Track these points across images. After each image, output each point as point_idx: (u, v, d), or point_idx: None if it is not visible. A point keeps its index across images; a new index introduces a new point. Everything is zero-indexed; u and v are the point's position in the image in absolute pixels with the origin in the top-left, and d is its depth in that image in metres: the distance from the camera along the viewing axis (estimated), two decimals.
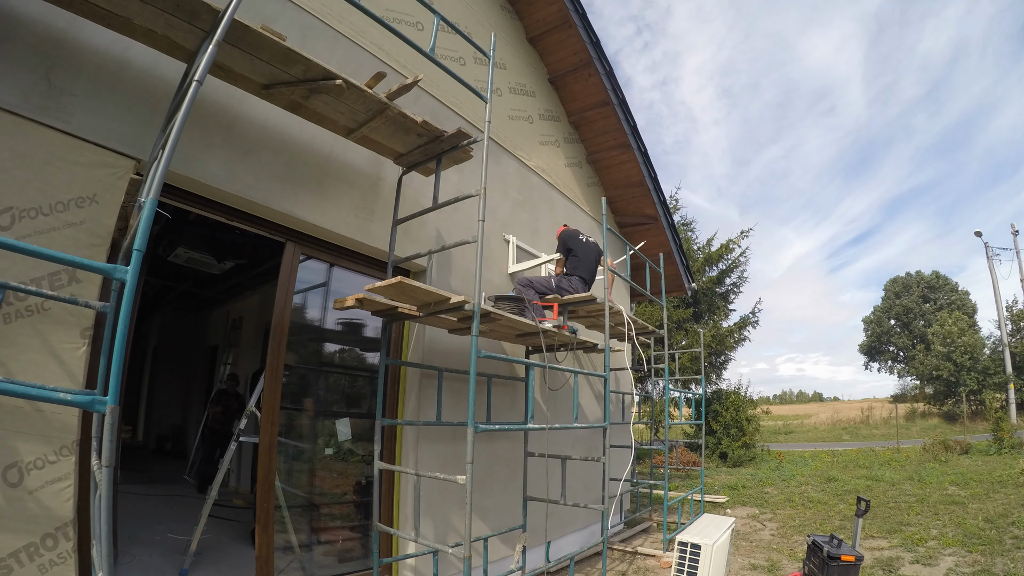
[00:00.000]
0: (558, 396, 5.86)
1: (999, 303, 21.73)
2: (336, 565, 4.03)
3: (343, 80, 2.71)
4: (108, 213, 2.49)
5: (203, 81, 1.85)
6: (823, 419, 30.93)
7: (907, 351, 35.79)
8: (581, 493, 5.65)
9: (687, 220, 18.09)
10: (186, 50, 2.48)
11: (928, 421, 23.85)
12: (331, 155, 3.56)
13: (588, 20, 5.95)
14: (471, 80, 3.36)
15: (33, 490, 2.18)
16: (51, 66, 2.37)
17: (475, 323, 2.94)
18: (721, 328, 16.56)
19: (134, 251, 1.57)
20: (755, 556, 5.55)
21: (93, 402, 1.47)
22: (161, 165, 1.71)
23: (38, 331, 2.25)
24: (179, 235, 5.81)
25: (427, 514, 3.89)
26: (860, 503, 4.18)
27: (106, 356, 2.08)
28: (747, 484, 10.24)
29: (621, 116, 6.65)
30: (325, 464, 4.41)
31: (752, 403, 16.24)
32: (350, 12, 3.66)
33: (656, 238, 7.96)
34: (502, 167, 5.37)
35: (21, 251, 1.46)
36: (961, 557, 5.12)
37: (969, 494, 8.01)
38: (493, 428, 3.21)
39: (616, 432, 6.62)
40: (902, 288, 37.91)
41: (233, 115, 3.02)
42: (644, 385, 13.12)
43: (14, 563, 2.10)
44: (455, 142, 3.37)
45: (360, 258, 3.93)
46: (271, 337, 3.40)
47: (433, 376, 4.07)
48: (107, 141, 2.50)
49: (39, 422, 2.22)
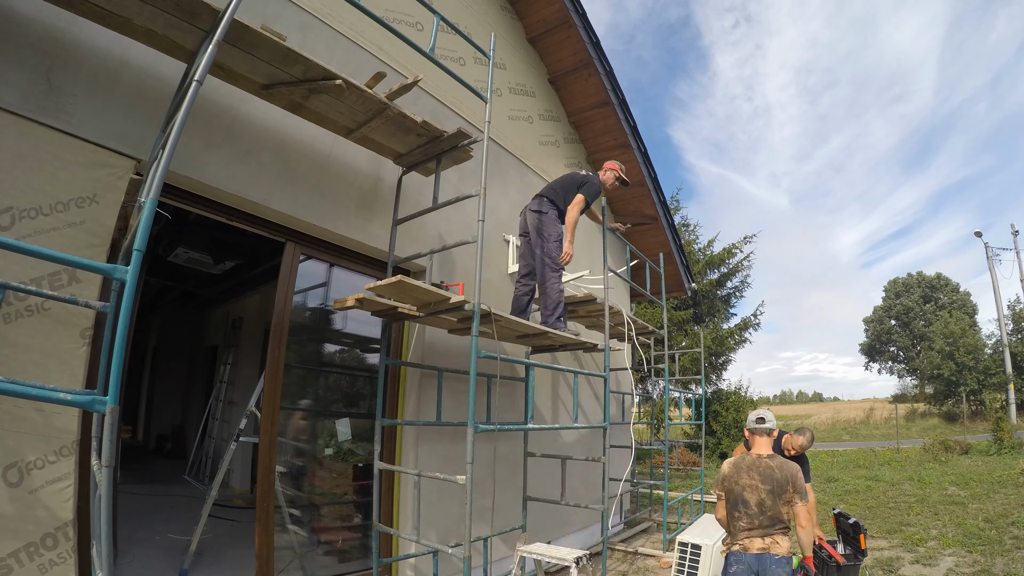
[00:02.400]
0: (558, 396, 5.86)
1: (999, 303, 21.76)
2: (336, 565, 4.03)
3: (343, 80, 2.71)
4: (108, 213, 2.49)
5: (203, 81, 1.85)
6: (823, 419, 30.94)
7: (907, 351, 35.80)
8: (581, 493, 5.64)
9: (688, 221, 18.11)
10: (186, 50, 2.48)
11: (928, 421, 23.86)
12: (331, 155, 3.56)
13: (588, 20, 5.95)
14: (471, 80, 3.36)
15: (33, 490, 2.18)
16: (51, 66, 2.37)
17: (475, 323, 2.94)
18: (721, 330, 16.58)
19: (134, 251, 1.57)
20: None
21: (93, 402, 1.47)
22: (161, 165, 1.71)
23: (38, 331, 2.25)
24: (179, 235, 5.81)
25: (427, 514, 3.89)
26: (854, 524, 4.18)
27: (106, 356, 2.08)
28: None
29: (621, 116, 6.65)
30: (325, 464, 4.41)
31: (752, 403, 16.24)
32: (350, 12, 3.66)
33: (656, 238, 7.96)
34: (502, 167, 5.37)
35: (21, 251, 1.46)
36: (961, 557, 5.12)
37: (969, 494, 8.01)
38: (493, 428, 3.21)
39: (616, 432, 6.62)
40: (903, 288, 37.95)
41: (233, 115, 3.02)
42: (644, 385, 13.12)
43: (14, 563, 2.10)
44: (455, 142, 3.37)
45: (360, 258, 3.93)
46: (271, 337, 3.40)
47: (433, 376, 4.07)
48: (107, 141, 2.50)
49: (39, 422, 2.22)
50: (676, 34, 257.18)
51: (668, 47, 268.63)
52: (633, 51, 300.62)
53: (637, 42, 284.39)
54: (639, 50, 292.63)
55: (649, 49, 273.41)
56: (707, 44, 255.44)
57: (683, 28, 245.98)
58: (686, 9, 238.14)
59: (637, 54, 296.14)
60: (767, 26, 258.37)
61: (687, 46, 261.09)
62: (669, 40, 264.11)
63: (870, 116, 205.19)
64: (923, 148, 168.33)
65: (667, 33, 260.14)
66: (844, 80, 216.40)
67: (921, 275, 37.66)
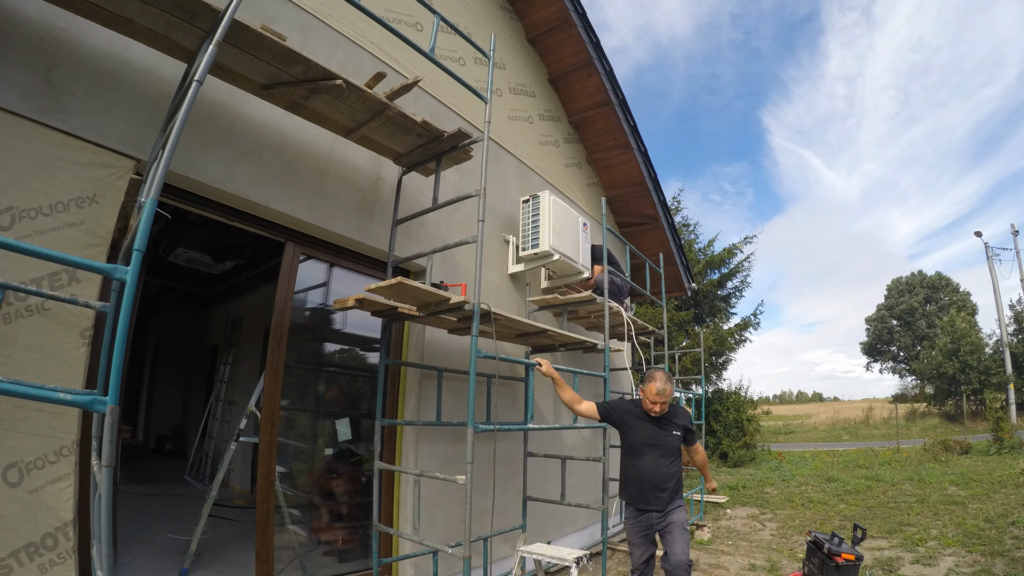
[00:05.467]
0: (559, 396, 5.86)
1: (999, 303, 21.76)
2: (336, 565, 4.03)
3: (343, 80, 2.71)
4: (108, 213, 2.49)
5: (203, 81, 1.85)
6: (823, 419, 30.95)
7: (909, 350, 35.81)
8: (581, 493, 5.64)
9: (688, 221, 18.12)
10: (186, 50, 2.48)
11: (928, 421, 23.85)
12: (331, 155, 3.56)
13: (588, 20, 5.95)
14: (471, 80, 3.36)
15: (33, 490, 2.18)
16: (51, 66, 2.37)
17: (475, 323, 2.94)
18: (722, 330, 16.59)
19: (134, 251, 1.57)
20: (755, 556, 5.55)
21: (93, 402, 1.47)
22: (161, 165, 1.71)
23: (38, 331, 2.25)
24: (179, 235, 5.82)
25: (427, 514, 3.89)
26: (856, 531, 4.17)
27: (106, 356, 2.08)
28: (747, 484, 10.24)
29: (621, 116, 6.65)
30: (325, 464, 4.41)
31: (752, 403, 16.26)
32: (350, 12, 3.66)
33: (656, 238, 7.95)
34: (502, 167, 5.37)
35: (21, 251, 1.46)
36: (961, 557, 5.12)
37: (969, 494, 8.01)
38: (493, 428, 3.21)
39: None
40: (905, 287, 37.99)
41: (233, 115, 3.02)
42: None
43: (14, 563, 2.10)
44: (455, 142, 3.37)
45: (360, 258, 3.93)
46: (271, 337, 3.40)
47: (433, 376, 4.07)
48: (107, 141, 2.50)
49: (39, 422, 2.22)
50: (798, 29, 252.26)
51: (788, 42, 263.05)
52: (751, 43, 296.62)
53: (759, 33, 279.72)
54: (757, 41, 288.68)
55: (768, 41, 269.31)
56: (825, 42, 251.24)
57: (807, 23, 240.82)
58: (815, 4, 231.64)
59: (755, 46, 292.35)
60: (883, 26, 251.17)
61: (806, 41, 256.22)
62: (791, 36, 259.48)
63: (952, 104, 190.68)
64: (991, 136, 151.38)
65: (789, 28, 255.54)
66: (935, 70, 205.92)
67: (922, 274, 37.73)
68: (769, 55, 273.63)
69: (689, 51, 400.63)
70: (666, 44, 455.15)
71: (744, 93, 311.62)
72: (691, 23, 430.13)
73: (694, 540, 6.28)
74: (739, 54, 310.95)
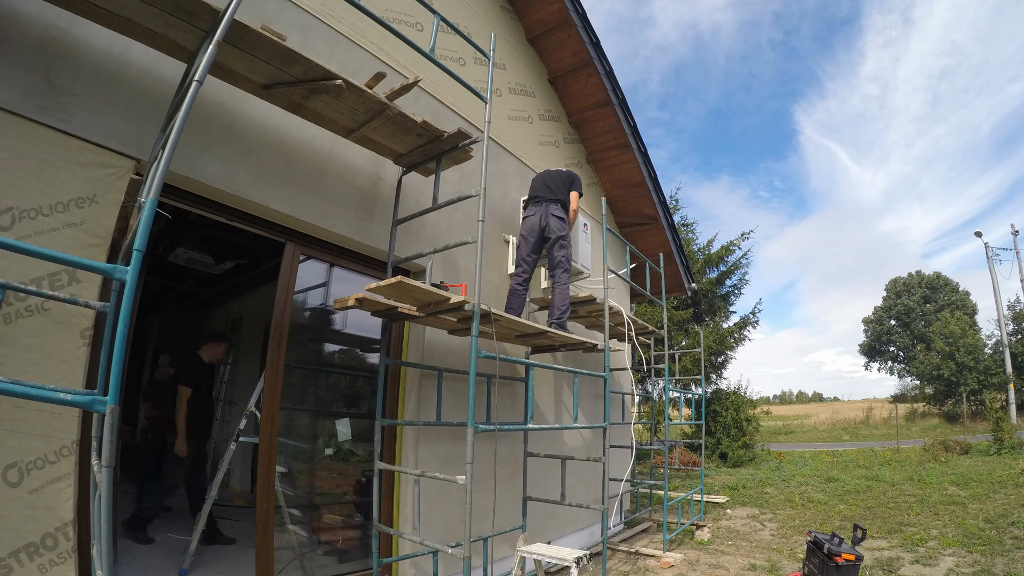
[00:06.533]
0: (559, 396, 5.86)
1: (999, 303, 21.77)
2: (336, 565, 4.03)
3: (343, 80, 2.71)
4: (108, 213, 2.49)
5: (203, 81, 1.85)
6: (823, 419, 30.95)
7: (907, 351, 35.81)
8: (581, 493, 5.65)
9: (687, 220, 18.12)
10: (186, 50, 2.48)
11: (928, 421, 23.86)
12: (331, 155, 3.56)
13: (588, 20, 5.95)
14: (471, 80, 3.36)
15: (33, 490, 2.18)
16: (51, 66, 2.37)
17: (475, 323, 2.94)
18: (721, 329, 16.59)
19: (134, 251, 1.57)
20: (755, 556, 5.55)
21: (93, 402, 1.47)
22: (161, 165, 1.71)
23: (38, 331, 2.25)
24: (179, 235, 5.81)
25: (427, 514, 3.89)
26: (856, 531, 4.17)
27: (106, 356, 2.08)
28: (747, 484, 10.24)
29: (621, 116, 6.65)
30: (325, 464, 4.41)
31: (752, 403, 16.26)
32: (350, 12, 3.66)
33: (656, 238, 7.96)
34: (502, 167, 5.37)
35: (21, 251, 1.46)
36: (961, 557, 5.12)
37: (969, 494, 8.01)
38: (493, 428, 3.21)
39: (616, 432, 6.62)
40: (903, 288, 37.99)
41: (233, 115, 3.02)
42: (644, 386, 13.12)
43: (14, 563, 2.10)
44: (455, 142, 3.37)
45: (360, 258, 3.93)
46: (271, 337, 3.40)
47: (433, 376, 4.07)
48: (107, 141, 2.50)
49: (39, 422, 2.22)
50: (837, 30, 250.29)
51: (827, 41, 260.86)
52: (790, 42, 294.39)
53: (800, 33, 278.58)
54: (796, 41, 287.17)
55: (807, 41, 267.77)
56: (863, 44, 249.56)
57: (846, 25, 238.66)
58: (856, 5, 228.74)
59: (793, 45, 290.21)
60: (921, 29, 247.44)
61: (844, 43, 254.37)
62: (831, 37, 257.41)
63: (976, 104, 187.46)
64: (1015, 132, 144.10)
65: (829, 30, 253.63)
66: (965, 70, 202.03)
67: (920, 275, 37.73)
68: (808, 55, 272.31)
69: (730, 49, 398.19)
70: (708, 41, 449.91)
71: (780, 93, 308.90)
72: (735, 21, 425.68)
73: (694, 540, 6.28)
74: (777, 53, 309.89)
